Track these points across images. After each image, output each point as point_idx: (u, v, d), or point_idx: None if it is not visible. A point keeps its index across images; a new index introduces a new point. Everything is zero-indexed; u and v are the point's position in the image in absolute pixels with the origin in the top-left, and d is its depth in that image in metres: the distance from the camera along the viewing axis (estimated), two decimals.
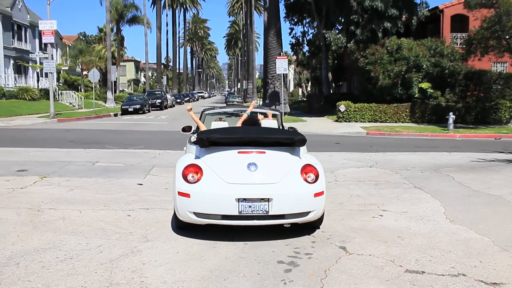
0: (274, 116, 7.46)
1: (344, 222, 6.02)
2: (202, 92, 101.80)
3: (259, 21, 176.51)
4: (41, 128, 21.80)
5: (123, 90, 72.25)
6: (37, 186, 8.12)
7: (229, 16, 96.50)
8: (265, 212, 4.98)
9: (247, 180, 5.07)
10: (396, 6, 24.60)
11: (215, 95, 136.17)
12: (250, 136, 5.51)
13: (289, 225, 5.35)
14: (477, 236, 5.40)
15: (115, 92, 46.58)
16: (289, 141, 5.52)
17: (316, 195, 5.16)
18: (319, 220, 5.54)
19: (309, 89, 63.14)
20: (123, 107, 34.69)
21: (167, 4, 71.73)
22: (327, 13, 30.85)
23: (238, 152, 5.30)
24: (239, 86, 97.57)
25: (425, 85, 24.30)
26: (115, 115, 32.87)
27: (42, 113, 29.57)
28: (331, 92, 37.54)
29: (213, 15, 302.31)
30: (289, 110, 29.86)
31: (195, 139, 5.63)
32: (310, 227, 5.59)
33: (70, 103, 39.41)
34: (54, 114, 27.21)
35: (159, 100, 42.20)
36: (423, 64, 24.11)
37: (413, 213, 6.44)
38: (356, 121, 24.42)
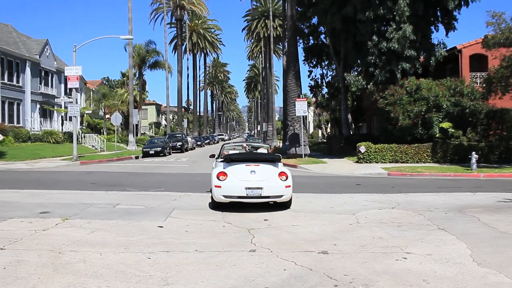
0: (264, 147, 14.34)
1: (367, 265, 5.89)
2: (222, 135, 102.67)
3: (278, 64, 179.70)
4: (64, 171, 22.14)
5: (145, 133, 73.36)
6: (59, 228, 8.18)
7: (249, 60, 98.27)
8: (259, 195, 9.81)
9: (250, 179, 9.96)
10: (414, 47, 24.75)
11: (235, 137, 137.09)
12: (252, 157, 11.04)
13: (272, 202, 10.24)
14: (508, 280, 5.20)
15: (136, 135, 47.37)
16: (272, 159, 10.69)
17: (287, 186, 10.01)
18: (289, 202, 10.41)
19: (328, 130, 63.16)
20: (144, 149, 35.12)
21: (188, 49, 73.61)
22: (345, 56, 31.19)
23: (246, 165, 10.23)
24: (259, 129, 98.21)
25: (446, 124, 24.10)
26: (137, 157, 33.26)
27: (66, 156, 30.10)
28: (351, 133, 37.47)
29: (233, 59, 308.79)
30: (309, 152, 29.78)
31: (223, 158, 10.89)
32: (285, 207, 10.37)
33: (93, 146, 40.11)
34: (77, 156, 27.67)
35: (180, 143, 42.63)
36: (443, 104, 24.00)
37: (438, 256, 6.27)
38: (376, 162, 24.19)
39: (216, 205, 10.30)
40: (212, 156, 13.09)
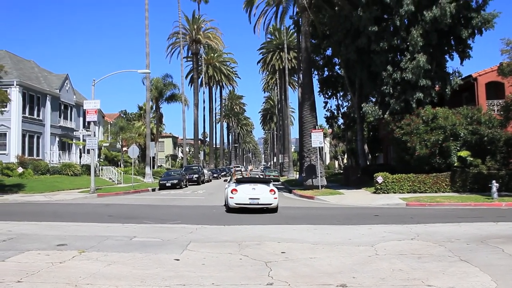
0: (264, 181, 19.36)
1: None
2: (239, 167, 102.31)
3: (293, 96, 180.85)
4: (81, 203, 22.27)
5: (161, 165, 73.84)
6: (75, 260, 8.16)
7: (264, 92, 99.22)
8: (257, 203, 16.39)
9: (251, 193, 16.51)
10: (428, 77, 24.73)
11: (251, 170, 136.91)
12: (253, 179, 19.19)
13: (266, 208, 16.59)
14: None
15: (153, 167, 47.61)
16: (265, 181, 18.53)
17: (274, 198, 16.60)
18: (276, 208, 16.91)
19: (345, 161, 62.84)
20: (161, 182, 35.26)
21: (204, 82, 74.63)
22: (360, 86, 31.29)
23: (249, 185, 17.01)
24: (275, 160, 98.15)
25: (464, 153, 23.82)
26: (153, 190, 33.37)
27: (83, 188, 30.35)
28: (368, 163, 37.19)
29: (249, 91, 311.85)
30: (325, 183, 29.58)
31: (235, 180, 18.12)
32: (274, 210, 16.75)
33: (110, 178, 40.41)
34: (95, 189, 27.87)
35: (196, 175, 42.73)
36: (460, 132, 23.78)
37: None
38: (394, 193, 23.90)
39: (229, 210, 17.06)
40: (225, 180, 22.81)
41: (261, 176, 24.36)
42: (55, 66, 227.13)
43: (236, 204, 16.56)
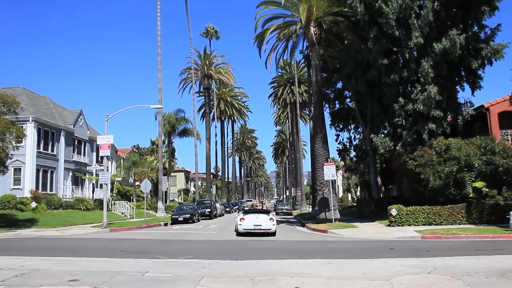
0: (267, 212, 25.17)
1: None
2: (251, 201, 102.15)
3: (305, 129, 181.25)
4: (94, 238, 22.23)
5: (173, 199, 73.78)
6: None
7: (276, 126, 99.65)
8: (259, 228, 21.85)
9: (255, 221, 22.09)
10: (440, 108, 24.68)
11: (264, 203, 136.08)
12: (256, 210, 26.40)
13: (266, 232, 21.91)
14: None
15: (165, 202, 47.59)
16: (266, 212, 24.31)
17: (273, 224, 22.11)
18: (274, 233, 22.13)
19: (358, 194, 62.29)
20: (173, 216, 35.16)
21: (215, 117, 75.27)
22: (371, 118, 31.30)
23: (253, 214, 23.00)
24: (287, 194, 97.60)
25: (479, 184, 23.48)
26: (165, 224, 33.25)
27: (96, 223, 30.36)
28: (381, 196, 36.83)
29: (260, 124, 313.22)
30: (339, 216, 29.27)
31: (244, 211, 24.89)
32: (273, 234, 22.04)
33: (122, 213, 40.40)
34: (107, 223, 27.85)
35: (209, 210, 42.55)
36: (474, 163, 23.51)
37: None
38: (409, 225, 23.52)
39: (239, 234, 22.26)
40: (236, 210, 31.50)
41: (263, 208, 36.54)
42: (70, 102, 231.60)
43: (243, 229, 22.06)
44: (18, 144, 30.07)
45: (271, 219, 22.13)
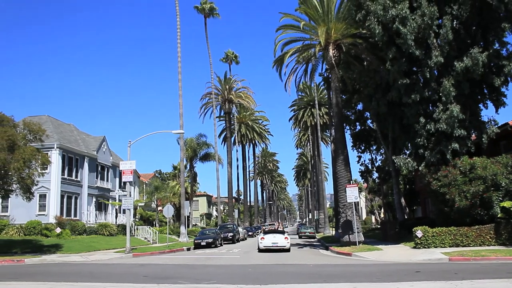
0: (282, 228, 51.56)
1: None
2: (273, 224, 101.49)
3: (326, 152, 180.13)
4: (117, 263, 22.27)
5: (196, 224, 73.76)
6: None
7: (297, 148, 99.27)
8: (276, 245, 28.04)
9: (273, 239, 28.45)
10: (463, 127, 24.29)
11: (287, 226, 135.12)
12: (274, 230, 33.46)
13: (282, 248, 27.93)
14: None
15: (188, 226, 47.62)
16: (282, 232, 31.30)
17: (288, 242, 28.41)
18: (289, 249, 28.36)
19: (382, 216, 61.33)
20: (195, 241, 35.10)
21: (237, 141, 75.50)
22: (393, 139, 31.01)
23: (271, 234, 29.51)
24: (310, 217, 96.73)
25: (507, 203, 22.84)
26: (188, 249, 33.17)
27: (119, 248, 30.47)
28: (406, 217, 36.16)
29: (281, 147, 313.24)
30: (363, 239, 28.82)
31: (264, 232, 33.92)
32: (287, 250, 27.98)
33: (145, 238, 40.52)
34: (130, 249, 27.92)
35: (231, 234, 42.37)
36: (501, 182, 22.93)
37: None
38: (435, 247, 22.97)
39: (260, 251, 27.68)
40: (258, 233, 40.80)
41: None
42: (93, 128, 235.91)
43: (263, 246, 28.32)
44: (44, 171, 30.61)
45: (285, 238, 28.58)
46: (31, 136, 27.37)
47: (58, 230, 34.49)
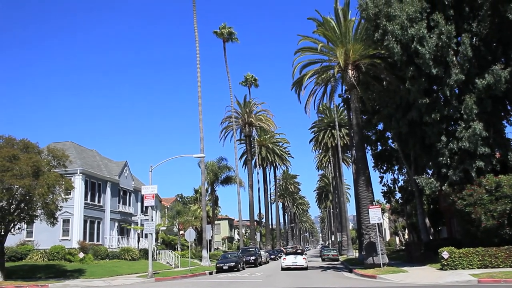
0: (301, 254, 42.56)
1: None
2: (296, 247, 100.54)
3: (347, 173, 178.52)
4: None
5: (218, 248, 73.44)
6: None
7: (318, 170, 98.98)
8: (296, 265, 34.43)
9: (294, 259, 35.09)
10: (487, 144, 23.80)
11: (309, 249, 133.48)
12: (294, 252, 44.40)
13: (300, 267, 34.08)
14: None
15: (210, 250, 47.44)
16: (301, 253, 43.82)
17: (305, 262, 35.18)
18: (306, 267, 34.58)
19: (406, 237, 60.20)
20: (218, 265, 34.93)
21: (257, 164, 75.53)
22: (415, 159, 30.63)
23: (292, 255, 36.79)
24: (333, 239, 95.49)
25: None
26: (210, 273, 33.01)
27: (141, 273, 30.48)
28: (431, 238, 35.40)
29: (302, 169, 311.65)
30: (387, 261, 28.26)
31: (286, 253, 46.20)
32: (305, 269, 33.95)
33: (167, 262, 40.46)
34: (152, 273, 27.91)
35: (253, 257, 42.05)
36: None
37: None
38: (463, 268, 22.34)
39: (282, 269, 34.05)
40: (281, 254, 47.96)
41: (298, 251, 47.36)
42: (115, 153, 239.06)
43: (285, 265, 34.42)
44: (67, 196, 31.02)
45: (304, 258, 35.32)
46: (55, 162, 27.87)
47: (81, 255, 34.73)
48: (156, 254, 41.49)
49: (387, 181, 41.12)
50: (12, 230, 27.25)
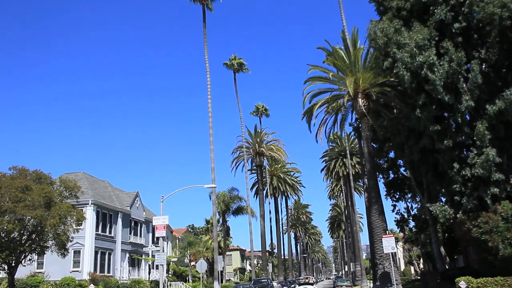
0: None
1: None
2: (308, 278, 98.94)
3: (360, 201, 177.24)
4: None
5: (229, 279, 72.45)
6: None
7: (330, 199, 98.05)
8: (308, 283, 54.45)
9: None
10: (501, 170, 23.44)
11: (322, 280, 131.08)
12: (306, 283, 60.23)
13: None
14: None
15: (221, 281, 46.84)
16: (312, 283, 60.08)
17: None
18: None
19: (421, 266, 59.01)
20: None
21: (269, 194, 75.07)
22: (427, 186, 30.28)
23: (304, 285, 46.22)
24: (346, 269, 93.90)
25: None
26: None
27: None
28: (447, 267, 34.68)
29: (314, 199, 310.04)
30: None
31: (298, 283, 56.69)
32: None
33: None
34: None
35: None
36: None
37: None
38: None
39: None
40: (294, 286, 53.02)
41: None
42: (126, 184, 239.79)
43: None
44: (78, 227, 31.10)
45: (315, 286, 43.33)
46: (67, 193, 28.04)
47: (92, 287, 34.44)
48: (168, 286, 41.05)
49: (399, 210, 40.66)
50: (23, 261, 27.21)
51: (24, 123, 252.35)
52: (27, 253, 26.82)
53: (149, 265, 48.49)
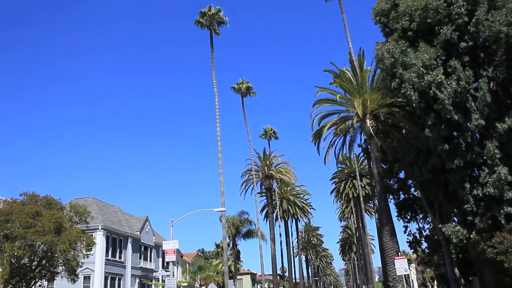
0: None
1: None
2: None
3: (371, 223, 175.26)
4: None
5: None
6: None
7: (340, 221, 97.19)
8: None
9: None
10: None
11: None
12: None
13: None
14: None
15: None
16: None
17: None
18: None
19: None
20: None
21: (279, 217, 74.54)
22: (439, 206, 29.95)
23: None
24: None
25: None
26: None
27: None
28: None
29: (324, 221, 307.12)
30: None
31: None
32: None
33: None
34: None
35: None
36: None
37: None
38: None
39: None
40: None
41: None
42: (136, 208, 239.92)
43: None
44: (88, 252, 31.03)
45: None
46: (77, 218, 28.09)
47: None
48: None
49: (411, 230, 40.09)
50: (33, 287, 27.11)
51: (35, 149, 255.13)
52: (37, 279, 26.75)
53: None
